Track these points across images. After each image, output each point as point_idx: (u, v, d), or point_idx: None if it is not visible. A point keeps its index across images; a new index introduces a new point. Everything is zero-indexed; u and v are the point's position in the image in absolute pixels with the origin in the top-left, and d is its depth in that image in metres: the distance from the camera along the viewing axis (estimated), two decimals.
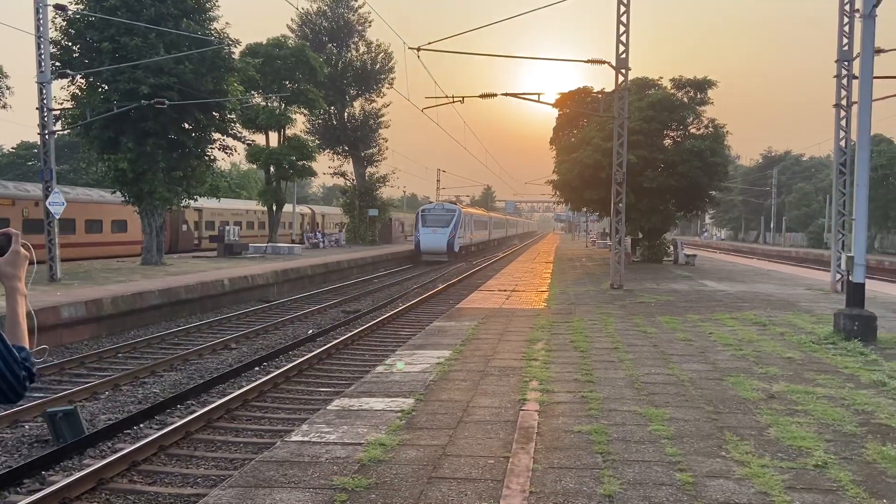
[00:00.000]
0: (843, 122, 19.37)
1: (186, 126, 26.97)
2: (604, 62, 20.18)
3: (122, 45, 24.21)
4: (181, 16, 25.47)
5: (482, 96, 21.33)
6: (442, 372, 9.17)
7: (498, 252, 60.40)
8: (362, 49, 52.48)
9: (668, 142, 32.58)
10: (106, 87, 25.20)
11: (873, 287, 20.99)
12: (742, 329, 12.92)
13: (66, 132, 29.72)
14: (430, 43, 19.33)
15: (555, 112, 37.44)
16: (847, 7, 18.90)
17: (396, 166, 77.45)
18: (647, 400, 7.70)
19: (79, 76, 24.62)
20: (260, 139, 41.25)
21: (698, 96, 32.00)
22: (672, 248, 35.46)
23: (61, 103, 24.93)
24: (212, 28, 26.49)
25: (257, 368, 13.27)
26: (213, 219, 43.22)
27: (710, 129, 32.05)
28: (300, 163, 40.59)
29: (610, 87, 23.57)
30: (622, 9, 20.13)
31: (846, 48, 18.99)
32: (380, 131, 54.05)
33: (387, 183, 55.46)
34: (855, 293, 12.05)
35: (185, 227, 40.48)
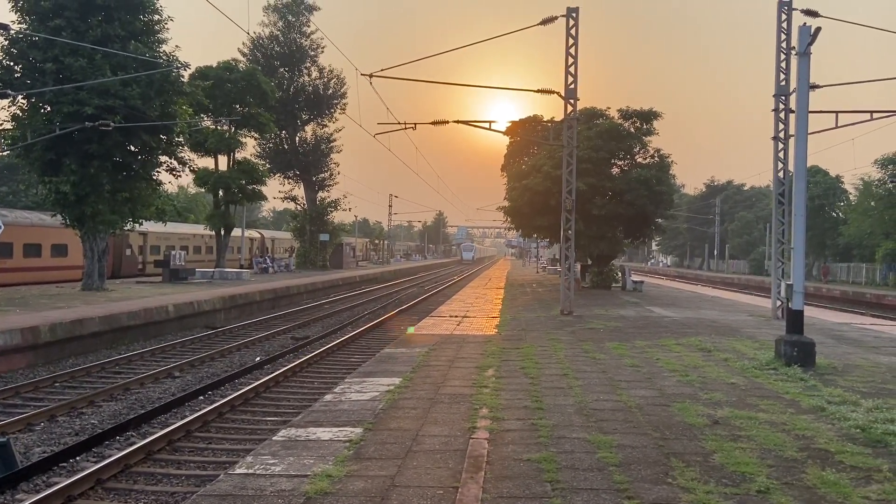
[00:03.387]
0: (781, 154, 20.09)
1: (132, 149, 26.42)
2: (553, 92, 20.55)
3: (67, 66, 23.68)
4: (129, 37, 25.07)
5: (434, 123, 21.48)
6: (392, 400, 9.07)
7: (448, 279, 60.39)
8: (314, 74, 52.52)
9: (615, 170, 33.46)
10: (48, 109, 24.56)
11: (812, 314, 21.73)
12: (688, 355, 13.13)
13: (5, 153, 28.80)
14: (382, 70, 19.43)
15: (506, 139, 38.06)
16: (784, 45, 19.72)
17: (348, 191, 78.68)
18: (595, 427, 7.74)
19: (20, 96, 23.93)
20: (209, 163, 40.73)
21: (644, 126, 33.01)
22: (620, 274, 36.12)
23: (1, 124, 24.19)
24: (160, 50, 26.12)
25: (202, 398, 12.92)
26: (159, 243, 42.25)
27: (656, 158, 33.08)
28: (250, 187, 40.18)
29: (559, 117, 23.98)
30: (570, 41, 20.62)
31: (783, 83, 19.77)
32: (331, 156, 53.99)
33: (338, 207, 55.23)
34: (794, 320, 12.40)
35: (128, 252, 39.46)
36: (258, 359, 16.75)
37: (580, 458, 6.57)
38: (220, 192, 40.27)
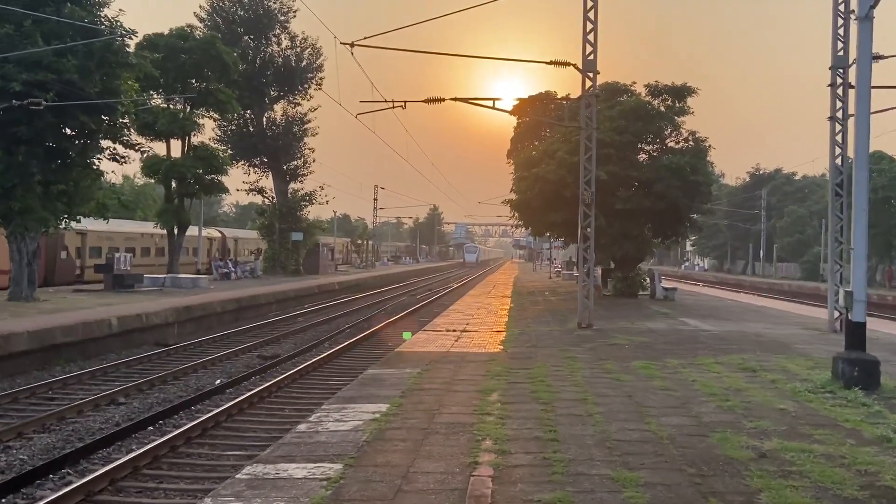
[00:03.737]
0: (839, 137, 20.14)
1: (68, 132, 26.38)
2: (569, 64, 20.61)
3: None
4: (63, 0, 25.06)
5: (427, 101, 21.53)
6: (377, 430, 9.05)
7: (446, 285, 60.45)
8: (285, 43, 52.57)
9: (642, 157, 33.52)
10: None
11: (875, 326, 21.71)
12: (729, 376, 13.13)
13: None
14: (366, 38, 19.49)
15: (513, 121, 37.96)
16: (842, 8, 19.75)
17: (326, 182, 78.45)
18: (620, 461, 7.73)
19: None
20: (160, 148, 40.70)
21: (677, 105, 33.04)
22: (648, 280, 36.11)
23: None
24: (101, 15, 26.11)
25: (151, 428, 12.90)
26: (100, 244, 42.24)
27: (690, 142, 33.08)
28: (208, 177, 40.19)
29: (576, 93, 24.03)
30: (589, 4, 20.63)
31: (841, 53, 19.82)
32: (305, 140, 54.04)
33: (314, 201, 55.27)
34: (855, 334, 12.40)
35: (64, 255, 39.44)
36: (219, 382, 16.74)
37: (602, 499, 6.57)
38: (173, 184, 40.27)
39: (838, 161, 20.33)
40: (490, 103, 21.32)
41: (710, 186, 34.45)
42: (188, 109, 40.22)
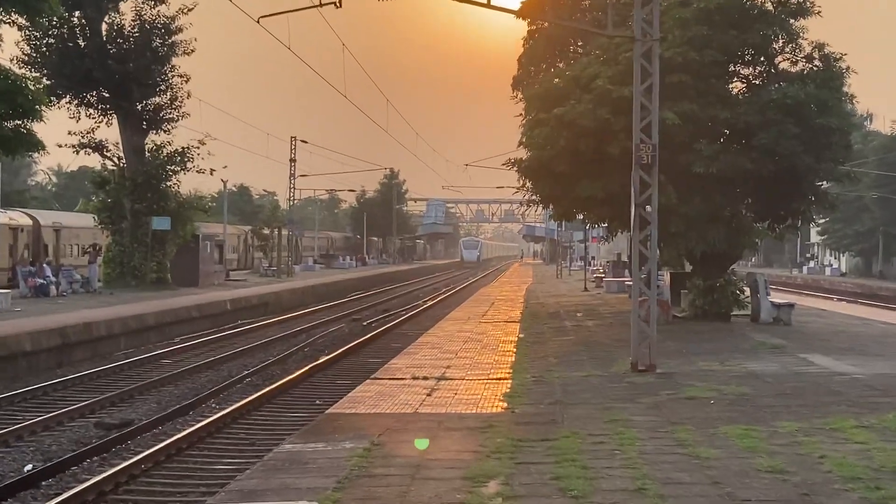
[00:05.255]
0: None
1: None
2: None
3: None
4: None
5: None
6: None
7: (412, 302, 45.04)
8: None
9: (736, 86, 23.71)
10: None
11: None
12: (882, 449, 9.41)
13: None
14: None
15: (522, 29, 28.66)
16: None
17: (209, 132, 41.98)
18: None
19: None
20: None
21: (793, 1, 22.62)
22: (749, 291, 25.50)
23: None
24: None
25: None
26: None
27: (817, 63, 23.12)
28: (8, 123, 24.17)
29: None
30: None
31: None
32: (173, 62, 37.11)
33: (188, 163, 38.30)
34: None
35: None
36: (28, 468, 11.91)
37: None
38: None
39: None
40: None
41: (848, 136, 22.97)
42: None
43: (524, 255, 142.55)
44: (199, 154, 38.08)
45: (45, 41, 34.93)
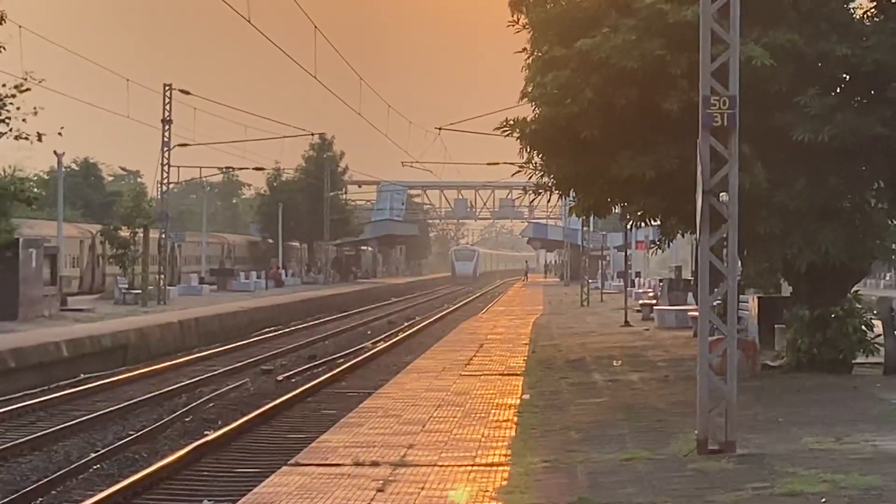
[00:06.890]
0: None
1: None
2: None
3: None
4: None
5: None
6: None
7: (357, 342, 33.62)
8: None
9: (862, 5, 17.75)
10: None
11: None
12: None
13: None
14: None
15: None
16: None
17: (32, 70, 31.23)
18: None
19: None
20: None
21: None
22: (879, 326, 18.51)
23: None
24: None
25: None
26: None
27: None
28: None
29: None
30: None
31: None
32: None
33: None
34: None
35: None
36: None
37: None
38: None
39: None
40: None
41: None
42: None
43: (529, 270, 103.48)
44: (16, 107, 26.08)
45: None
